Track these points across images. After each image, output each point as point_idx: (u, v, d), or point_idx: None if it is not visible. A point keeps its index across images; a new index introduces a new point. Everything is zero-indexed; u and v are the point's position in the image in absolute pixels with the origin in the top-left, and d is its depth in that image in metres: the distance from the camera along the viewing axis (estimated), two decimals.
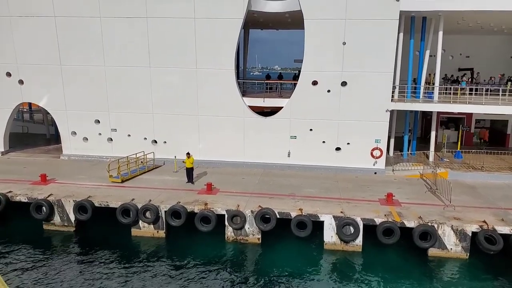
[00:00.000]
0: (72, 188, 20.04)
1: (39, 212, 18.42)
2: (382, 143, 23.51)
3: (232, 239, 17.76)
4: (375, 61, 22.18)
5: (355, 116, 23.22)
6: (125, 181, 21.27)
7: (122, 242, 17.93)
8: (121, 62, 24.01)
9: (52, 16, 23.64)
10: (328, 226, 17.14)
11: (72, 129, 25.68)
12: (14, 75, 25.11)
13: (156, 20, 23.06)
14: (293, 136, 24.00)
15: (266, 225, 17.21)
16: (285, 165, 24.27)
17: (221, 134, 24.49)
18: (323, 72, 22.84)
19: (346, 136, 23.60)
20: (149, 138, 25.13)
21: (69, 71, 24.55)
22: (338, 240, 17.13)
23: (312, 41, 22.52)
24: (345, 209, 17.83)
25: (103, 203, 18.38)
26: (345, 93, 22.98)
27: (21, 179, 21.51)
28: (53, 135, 32.94)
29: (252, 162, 24.55)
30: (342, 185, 21.40)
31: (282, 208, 17.77)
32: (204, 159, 24.48)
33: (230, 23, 22.58)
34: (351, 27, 21.92)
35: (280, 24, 29.82)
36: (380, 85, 22.55)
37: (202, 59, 23.41)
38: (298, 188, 20.66)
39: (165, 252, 17.34)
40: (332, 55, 22.52)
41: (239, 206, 17.90)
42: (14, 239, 17.91)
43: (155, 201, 18.49)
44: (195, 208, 17.90)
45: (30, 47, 24.45)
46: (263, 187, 20.76)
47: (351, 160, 23.80)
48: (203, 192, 19.89)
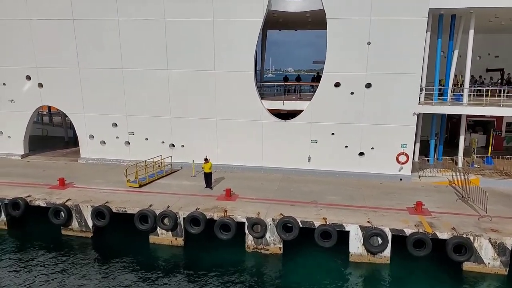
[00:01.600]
0: (89, 193, 19.73)
1: (57, 217, 18.15)
2: (408, 148, 22.46)
3: (253, 248, 17.08)
4: (401, 62, 21.17)
5: (380, 120, 22.26)
6: (142, 186, 20.85)
7: (140, 249, 17.48)
8: (139, 64, 23.65)
9: (70, 18, 23.46)
10: (354, 237, 16.27)
11: (90, 132, 25.47)
12: (34, 78, 25.08)
13: (173, 22, 22.60)
14: (314, 140, 23.18)
15: (288, 235, 16.46)
16: (305, 170, 23.45)
17: (239, 138, 23.86)
18: (346, 74, 21.96)
19: (370, 140, 22.64)
20: (166, 142, 24.69)
21: (87, 74, 24.35)
22: (364, 251, 16.25)
23: (335, 41, 21.67)
24: (371, 218, 16.92)
25: (120, 209, 17.97)
26: (369, 95, 22.03)
27: (40, 183, 21.35)
28: (71, 138, 32.96)
29: (271, 167, 23.82)
30: (367, 192, 20.46)
31: (305, 216, 16.99)
32: (222, 164, 23.88)
33: (249, 24, 21.93)
34: (377, 26, 20.97)
35: (300, 24, 29.04)
36: (407, 87, 21.54)
37: (221, 61, 22.83)
38: (320, 195, 19.83)
39: (183, 260, 16.84)
40: (356, 55, 21.61)
41: (259, 213, 17.21)
42: (32, 244, 17.76)
43: (173, 207, 17.97)
44: (214, 215, 17.29)
45: (49, 50, 24.35)
46: (283, 194, 20.02)
47: (376, 165, 22.82)
48: (222, 198, 19.28)
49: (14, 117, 26.10)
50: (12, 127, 26.41)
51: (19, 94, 25.62)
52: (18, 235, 18.75)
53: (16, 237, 18.60)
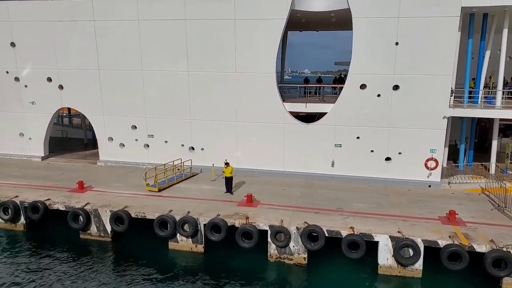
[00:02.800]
0: (108, 197, 19.37)
1: (76, 221, 17.86)
2: (438, 153, 21.40)
3: (276, 258, 16.36)
4: (432, 63, 20.17)
5: (408, 123, 21.26)
6: (162, 190, 20.41)
7: (159, 255, 16.99)
8: (159, 66, 23.29)
9: (91, 20, 23.27)
10: (384, 247, 15.38)
11: (109, 135, 25.24)
12: (55, 80, 25.00)
13: (194, 22, 22.14)
14: (338, 144, 22.33)
15: (313, 244, 15.68)
16: (329, 175, 22.62)
17: (260, 141, 23.20)
18: (372, 75, 21.07)
19: (398, 145, 21.66)
20: (186, 145, 24.23)
21: (107, 76, 24.13)
22: (394, 263, 15.34)
23: (360, 42, 20.82)
24: (402, 228, 15.99)
25: (140, 214, 17.53)
26: (397, 98, 21.08)
27: (59, 185, 21.15)
28: (90, 140, 32.92)
29: (292, 171, 23.08)
30: (394, 200, 19.51)
31: (331, 225, 16.18)
32: (242, 167, 23.25)
33: (272, 24, 21.29)
34: (405, 26, 20.04)
35: (322, 25, 28.24)
36: (437, 89, 20.52)
37: (242, 62, 22.25)
38: (346, 202, 18.99)
39: (203, 268, 16.25)
40: (383, 56, 20.71)
41: (282, 221, 16.49)
42: (51, 247, 17.52)
43: (193, 213, 17.42)
44: (235, 222, 16.66)
45: (69, 52, 24.24)
46: (306, 200, 19.24)
47: (403, 171, 21.82)
48: (243, 203, 18.64)
49: (35, 119, 26.12)
50: (33, 129, 26.42)
51: (40, 96, 25.59)
52: (37, 238, 18.53)
53: (35, 240, 18.37)
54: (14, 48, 24.97)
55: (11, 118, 26.43)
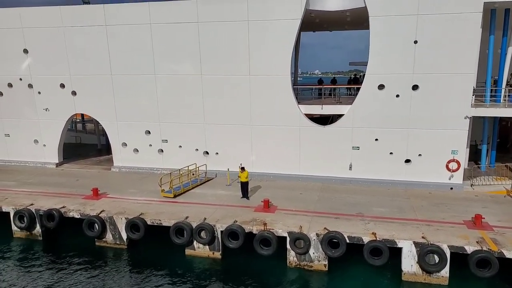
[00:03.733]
0: (123, 204, 19.13)
1: (91, 229, 17.64)
2: (459, 155, 20.69)
3: (295, 265, 15.90)
4: (453, 61, 19.52)
5: (428, 124, 20.61)
6: (177, 195, 20.10)
7: (176, 263, 16.66)
8: (172, 70, 23.04)
9: (103, 25, 23.15)
10: (408, 254, 14.80)
11: (123, 140, 25.06)
12: (68, 86, 24.94)
13: (207, 25, 21.84)
14: (355, 146, 21.76)
15: (334, 251, 15.17)
16: (346, 179, 22.06)
17: (275, 145, 22.77)
18: (391, 75, 20.48)
19: (418, 146, 21.01)
20: (200, 149, 23.92)
21: (119, 81, 23.97)
22: (419, 270, 14.75)
23: (378, 41, 20.26)
24: (426, 233, 15.39)
25: (155, 221, 17.23)
26: (416, 98, 20.45)
27: (73, 192, 21.01)
28: (104, 145, 32.88)
29: (309, 175, 22.57)
30: (416, 203, 18.88)
31: (352, 231, 15.66)
32: (257, 172, 22.84)
33: (286, 25, 20.87)
34: (424, 24, 19.42)
35: (337, 25, 27.67)
36: (458, 88, 19.85)
37: (256, 65, 21.86)
38: (366, 207, 18.42)
39: (221, 276, 15.86)
40: (401, 55, 20.11)
41: (302, 227, 16.01)
42: (66, 255, 17.36)
43: (210, 219, 17.06)
44: (253, 229, 16.24)
45: (82, 58, 24.15)
46: (325, 205, 18.72)
47: (423, 173, 21.15)
48: (260, 209, 18.22)
49: (49, 126, 26.09)
50: (47, 136, 26.40)
51: (53, 102, 25.57)
52: (53, 247, 18.39)
53: (51, 248, 18.23)
54: (27, 55, 24.99)
55: (25, 125, 26.47)
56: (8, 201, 19.71)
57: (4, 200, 19.84)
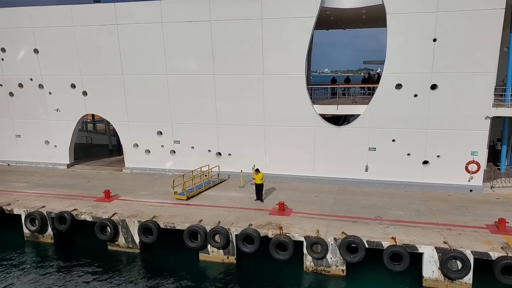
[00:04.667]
0: (136, 206, 18.86)
1: (103, 232, 17.38)
2: (479, 156, 20.07)
3: (312, 270, 15.48)
4: (473, 60, 18.89)
5: (447, 124, 20.02)
6: (190, 198, 19.77)
7: (189, 267, 16.33)
8: (184, 70, 22.69)
9: (114, 24, 22.88)
10: (429, 259, 14.30)
11: (134, 141, 24.80)
12: (78, 86, 24.74)
13: (220, 24, 21.44)
14: (372, 147, 21.24)
15: (353, 256, 14.72)
16: (362, 180, 21.56)
17: (289, 146, 22.32)
18: (409, 74, 19.92)
19: (436, 147, 20.43)
20: (213, 150, 23.56)
21: (131, 80, 23.68)
22: (441, 276, 14.24)
23: (395, 39, 19.69)
24: (447, 238, 14.87)
25: (169, 225, 16.91)
26: (435, 98, 19.86)
27: (85, 194, 20.79)
28: (115, 146, 32.73)
29: (324, 177, 22.10)
30: (435, 206, 18.32)
31: (371, 236, 15.18)
32: (270, 173, 22.37)
33: (301, 23, 20.39)
34: (444, 21, 18.82)
35: (351, 23, 27.12)
36: (479, 87, 19.23)
37: (270, 64, 21.41)
38: (384, 210, 17.92)
39: (236, 281, 15.50)
40: (420, 54, 19.53)
41: (319, 231, 15.58)
42: (78, 259, 17.09)
43: (224, 222, 16.70)
44: (269, 233, 15.83)
45: (92, 57, 23.91)
46: (342, 208, 18.25)
47: (442, 175, 20.57)
48: (275, 212, 17.82)
49: (60, 127, 25.93)
50: (58, 137, 26.24)
51: (64, 103, 25.39)
52: (64, 250, 18.17)
53: (62, 251, 18.03)
54: (37, 55, 24.83)
55: (36, 125, 26.33)
56: (20, 203, 19.55)
57: (16, 202, 19.68)
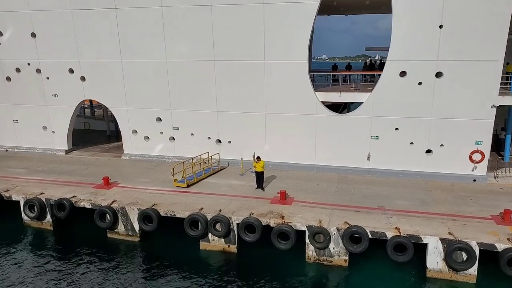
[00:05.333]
0: (135, 194, 18.60)
1: (103, 220, 17.16)
2: (484, 145, 19.81)
3: (314, 259, 15.33)
4: (480, 47, 18.45)
5: (451, 113, 19.70)
6: (190, 185, 19.52)
7: (190, 256, 16.20)
8: (184, 55, 22.18)
9: (113, 8, 22.26)
10: (433, 250, 14.14)
11: (133, 127, 24.42)
12: (76, 71, 24.23)
13: (220, 8, 20.86)
14: (374, 136, 20.94)
15: (356, 246, 14.55)
16: (364, 169, 21.31)
17: (290, 134, 22.00)
18: (413, 61, 19.49)
19: (440, 136, 20.14)
20: (212, 138, 23.22)
21: (130, 66, 23.17)
22: (445, 267, 14.10)
23: (400, 25, 19.20)
24: (452, 228, 14.70)
25: (169, 213, 16.68)
26: (440, 86, 19.48)
27: (84, 181, 20.51)
28: (113, 132, 32.35)
29: (325, 165, 21.84)
30: (438, 196, 18.12)
31: (374, 226, 14.99)
32: (271, 161, 22.08)
33: (304, 8, 19.85)
34: (451, 6, 18.31)
35: (354, 8, 26.52)
36: (485, 75, 18.83)
37: (271, 49, 20.92)
38: (387, 199, 17.71)
39: (237, 270, 15.40)
40: (425, 40, 19.06)
41: (321, 221, 15.38)
42: (77, 246, 16.94)
43: (225, 211, 16.48)
44: (270, 222, 15.63)
45: (91, 42, 23.34)
46: (344, 197, 18.03)
47: (445, 164, 20.34)
48: (276, 201, 17.59)
49: (58, 112, 25.51)
50: (56, 122, 25.84)
51: (62, 88, 24.92)
52: (63, 237, 17.99)
53: (61, 239, 17.85)
54: (35, 39, 24.24)
55: (34, 111, 25.90)
56: (18, 190, 19.28)
57: (14, 189, 19.41)
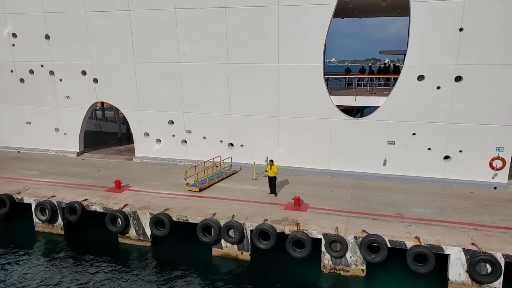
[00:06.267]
0: (147, 198, 18.34)
1: (114, 224, 16.91)
2: (505, 152, 19.17)
3: (330, 269, 14.87)
4: (502, 51, 17.87)
5: (471, 118, 19.12)
6: (202, 190, 19.21)
7: (202, 262, 15.84)
8: (197, 57, 21.92)
9: (126, 10, 22.12)
10: (456, 262, 13.60)
11: (145, 130, 24.24)
12: (89, 73, 24.13)
13: (234, 10, 20.57)
14: (391, 141, 20.43)
15: (374, 256, 14.07)
16: (380, 175, 20.80)
17: (303, 138, 21.60)
18: (432, 65, 18.97)
19: (459, 142, 19.56)
20: (225, 141, 22.91)
21: (142, 68, 23.01)
22: (468, 279, 13.55)
23: (419, 28, 18.71)
24: (475, 238, 14.14)
25: (181, 218, 16.38)
26: (459, 90, 18.93)
27: (95, 184, 20.33)
28: (124, 134, 32.26)
29: (339, 170, 21.38)
30: (458, 204, 17.55)
31: (393, 234, 14.50)
32: (284, 165, 21.65)
33: (320, 10, 19.47)
34: (472, 9, 17.79)
35: (369, 11, 26.05)
36: (506, 80, 18.22)
37: (286, 52, 20.56)
38: (404, 207, 17.19)
39: (250, 278, 14.96)
40: (444, 44, 18.54)
41: (338, 229, 14.93)
42: (88, 251, 16.70)
43: (238, 217, 16.12)
44: (285, 229, 15.23)
45: (104, 44, 23.23)
46: (360, 204, 17.56)
47: (464, 171, 19.74)
48: (290, 207, 17.19)
49: (70, 114, 25.44)
50: (68, 124, 25.78)
51: (75, 90, 24.85)
52: (74, 241, 17.77)
53: (72, 243, 17.62)
54: (49, 41, 24.22)
55: (47, 112, 25.88)
56: (30, 192, 19.16)
57: (26, 191, 19.30)
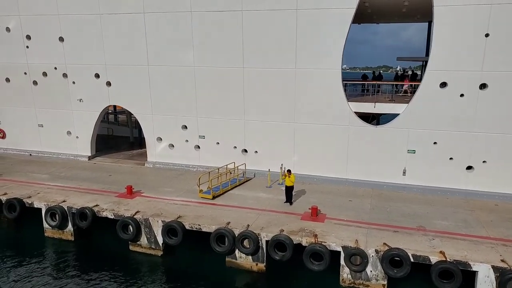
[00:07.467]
0: (159, 204, 17.89)
1: (125, 231, 16.48)
2: None
3: (349, 283, 14.22)
4: None
5: (496, 127, 18.38)
6: (216, 197, 18.71)
7: (215, 273, 15.34)
8: (212, 62, 21.53)
9: (141, 12, 21.87)
10: (484, 279, 12.87)
11: (158, 135, 23.87)
12: (102, 76, 23.90)
13: (251, 14, 20.17)
14: (411, 150, 19.74)
15: (397, 271, 13.38)
16: (399, 185, 20.09)
17: (320, 145, 21.02)
18: (455, 72, 18.29)
19: (482, 152, 18.81)
20: (239, 147, 22.42)
21: (156, 72, 22.69)
22: None
23: (442, 34, 18.08)
24: (504, 255, 13.39)
25: (194, 226, 15.88)
26: (484, 98, 18.21)
27: (106, 189, 19.96)
28: (136, 138, 31.98)
29: (357, 179, 20.73)
30: (483, 217, 16.76)
31: (416, 249, 13.81)
32: (299, 173, 21.03)
33: (339, 15, 18.95)
34: (499, 14, 17.12)
35: (388, 16, 25.44)
36: None
37: (303, 57, 20.07)
38: (426, 219, 16.47)
39: None
40: (469, 50, 17.88)
41: (358, 242, 14.28)
42: (98, 258, 16.34)
43: (253, 226, 15.56)
44: (302, 240, 14.62)
45: (118, 47, 23.00)
46: (380, 215, 16.87)
47: (487, 182, 18.96)
48: (307, 217, 16.57)
49: (82, 117, 25.22)
50: (80, 128, 25.55)
51: (87, 93, 24.64)
52: (84, 248, 17.37)
53: (82, 250, 17.22)
54: (63, 43, 24.08)
55: (59, 115, 25.70)
56: (41, 196, 18.86)
57: (36, 195, 19.01)
